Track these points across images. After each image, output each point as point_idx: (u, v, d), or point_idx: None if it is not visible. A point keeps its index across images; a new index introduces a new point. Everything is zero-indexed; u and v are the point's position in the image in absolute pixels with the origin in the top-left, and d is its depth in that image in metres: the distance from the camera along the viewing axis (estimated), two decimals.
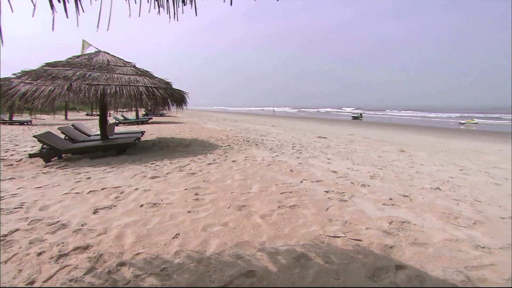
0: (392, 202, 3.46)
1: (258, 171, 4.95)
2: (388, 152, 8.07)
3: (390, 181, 4.48)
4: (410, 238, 2.52)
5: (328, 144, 9.34)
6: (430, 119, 40.51)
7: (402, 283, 1.91)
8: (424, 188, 4.11)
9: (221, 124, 17.35)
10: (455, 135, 17.67)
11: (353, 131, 17.50)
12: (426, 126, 26.23)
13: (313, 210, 3.17)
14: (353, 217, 2.97)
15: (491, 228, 2.77)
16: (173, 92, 7.53)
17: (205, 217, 2.97)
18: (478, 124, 28.21)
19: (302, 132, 14.27)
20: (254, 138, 9.87)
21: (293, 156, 6.46)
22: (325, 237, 2.53)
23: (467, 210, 3.25)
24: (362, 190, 3.93)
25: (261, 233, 2.62)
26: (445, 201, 3.56)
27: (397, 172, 5.20)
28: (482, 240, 2.52)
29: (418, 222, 2.87)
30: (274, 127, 18.01)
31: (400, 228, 2.72)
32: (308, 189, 3.96)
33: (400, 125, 26.82)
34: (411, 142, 11.95)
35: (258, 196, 3.63)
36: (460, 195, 3.88)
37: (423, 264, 2.13)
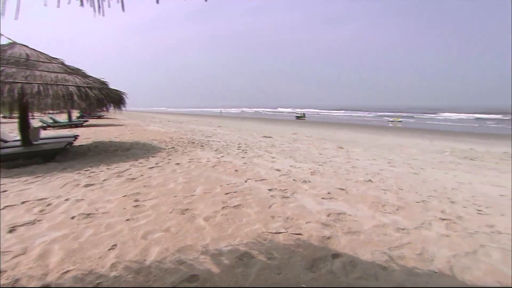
0: (330, 195, 3.74)
1: (202, 172, 4.88)
2: (328, 149, 8.69)
3: (329, 176, 4.83)
4: (345, 228, 2.77)
5: (273, 143, 9.66)
6: (365, 118, 44.84)
7: (337, 270, 2.08)
8: (358, 181, 4.53)
9: (165, 126, 16.61)
10: (385, 132, 19.85)
11: (296, 130, 18.40)
12: (361, 125, 28.97)
13: (256, 208, 3.25)
14: (294, 213, 3.13)
15: (409, 212, 3.21)
16: (110, 93, 6.96)
17: (146, 224, 2.83)
18: (403, 122, 32.13)
19: (248, 132, 14.49)
20: (200, 139, 9.69)
21: (238, 156, 6.52)
22: (267, 234, 2.62)
23: (392, 198, 3.70)
24: (303, 186, 4.16)
25: (205, 236, 2.60)
26: (375, 192, 3.98)
27: (336, 167, 5.64)
28: (403, 223, 2.90)
29: (352, 213, 3.16)
30: (220, 127, 17.95)
31: (336, 220, 2.96)
32: (253, 188, 4.04)
33: (339, 124, 29.12)
34: (349, 139, 13.08)
35: (202, 198, 3.59)
36: (387, 185, 4.38)
37: (356, 250, 2.35)
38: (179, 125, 19.01)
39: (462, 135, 18.24)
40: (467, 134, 19.07)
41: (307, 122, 33.68)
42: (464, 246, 2.46)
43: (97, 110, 9.48)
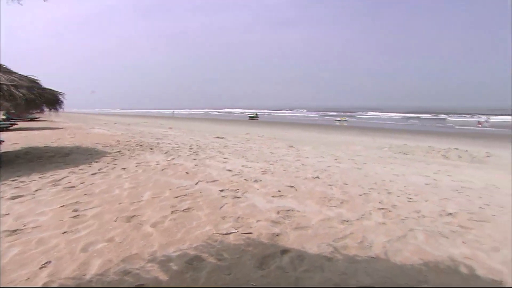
0: (280, 193, 3.86)
1: (151, 177, 4.66)
2: (279, 148, 8.95)
3: (279, 174, 4.99)
4: (294, 224, 2.89)
5: (225, 144, 9.63)
6: (313, 117, 47.27)
7: (286, 265, 2.16)
8: (307, 178, 4.76)
9: (111, 128, 15.44)
10: (332, 131, 21.16)
11: (249, 130, 18.62)
12: (311, 124, 30.47)
13: (207, 210, 3.22)
14: (245, 212, 3.17)
15: (352, 204, 3.48)
16: (43, 93, 6.22)
17: (87, 235, 2.60)
18: (349, 121, 34.64)
19: (201, 134, 14.23)
20: (149, 142, 9.23)
21: (190, 158, 6.38)
22: (218, 236, 2.61)
23: (338, 192, 3.97)
24: (254, 186, 4.23)
25: (152, 243, 2.49)
26: (322, 187, 4.22)
27: (286, 166, 5.84)
28: (346, 215, 3.13)
29: (301, 209, 3.31)
30: (172, 129, 17.31)
31: (286, 216, 3.07)
32: (204, 190, 3.99)
33: (290, 124, 30.23)
34: (299, 138, 13.64)
35: (150, 204, 3.42)
36: (333, 180, 4.68)
37: (303, 245, 2.47)
38: (127, 127, 17.85)
39: (398, 132, 20.35)
40: (402, 131, 21.32)
41: (260, 122, 34.30)
42: (397, 231, 2.76)
43: (28, 112, 8.40)
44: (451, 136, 17.75)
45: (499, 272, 2.15)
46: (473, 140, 15.35)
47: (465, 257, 2.34)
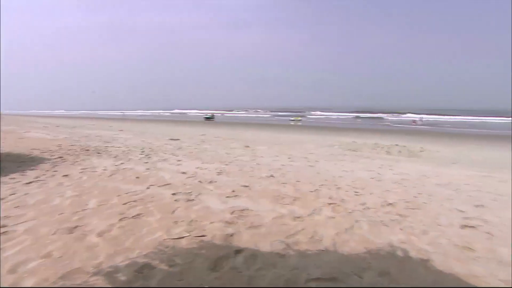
0: (234, 194, 3.88)
1: (97, 183, 4.34)
2: (235, 149, 8.96)
3: (234, 175, 5.01)
4: (247, 223, 2.92)
5: (180, 145, 9.35)
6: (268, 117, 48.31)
7: (240, 265, 2.19)
8: (261, 177, 4.85)
9: (52, 132, 13.92)
10: (287, 130, 21.84)
11: (205, 131, 18.33)
12: (266, 124, 31.08)
13: (158, 215, 3.10)
14: (199, 215, 3.12)
15: (304, 201, 3.64)
16: None
17: (16, 254, 2.32)
18: (302, 121, 36.09)
19: (154, 136, 13.61)
20: (96, 146, 8.55)
21: (141, 162, 6.07)
22: (170, 241, 2.53)
23: (290, 190, 4.11)
24: (209, 187, 4.19)
25: (98, 254, 2.32)
26: (276, 186, 4.34)
27: (241, 166, 5.88)
28: (298, 212, 3.27)
29: (254, 208, 3.36)
30: (122, 131, 16.26)
31: (240, 216, 3.10)
32: (155, 194, 3.83)
33: (246, 124, 30.49)
34: (255, 138, 13.81)
35: (95, 212, 3.19)
36: (287, 178, 4.83)
37: (257, 244, 2.52)
38: (71, 130, 16.29)
39: (347, 130, 21.77)
40: (351, 129, 22.87)
41: (216, 123, 34.01)
42: (345, 224, 2.95)
43: None
44: (392, 133, 19.54)
45: (427, 252, 2.43)
46: (410, 136, 17.10)
47: (401, 242, 2.60)
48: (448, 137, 18.21)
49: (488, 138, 18.36)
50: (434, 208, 3.58)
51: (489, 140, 16.60)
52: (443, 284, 2.03)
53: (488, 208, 3.65)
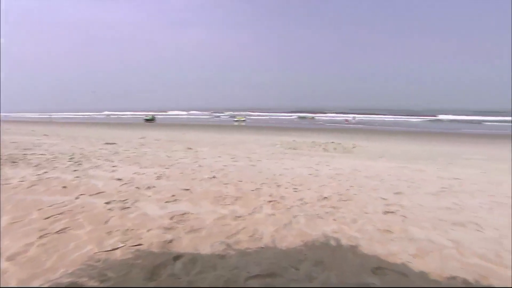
0: (174, 198, 3.75)
1: (11, 197, 3.77)
2: (177, 151, 8.67)
3: (175, 178, 4.84)
4: (187, 227, 2.86)
5: (116, 150, 8.67)
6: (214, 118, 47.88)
7: (179, 271, 2.13)
8: (203, 179, 4.78)
9: None
10: (230, 131, 21.92)
11: (145, 134, 17.33)
12: (210, 125, 30.75)
13: (89, 227, 2.83)
14: (135, 223, 2.94)
15: (245, 200, 3.70)
16: None
17: None
18: (246, 121, 36.60)
19: (86, 140, 12.35)
20: (11, 154, 7.38)
21: (69, 170, 5.46)
22: (101, 254, 2.33)
23: (232, 190, 4.14)
24: (147, 193, 3.98)
25: (8, 281, 2.02)
26: (218, 187, 4.33)
27: (183, 168, 5.72)
28: (240, 211, 3.31)
29: (195, 211, 3.30)
30: (47, 136, 14.36)
31: (180, 221, 3.01)
32: (86, 204, 3.49)
33: (189, 125, 29.73)
34: (198, 140, 13.55)
35: (7, 232, 2.76)
36: (229, 179, 4.85)
37: (197, 247, 2.48)
38: None
39: (289, 130, 22.78)
40: (291, 129, 23.99)
41: (157, 124, 32.44)
42: (284, 220, 3.09)
43: None
44: (328, 132, 21.10)
45: (356, 238, 2.70)
46: (345, 134, 18.69)
47: (334, 231, 2.83)
48: (377, 134, 20.41)
49: (407, 134, 21.11)
50: (363, 198, 3.98)
51: (407, 136, 19.10)
52: (368, 264, 2.27)
53: (404, 194, 4.20)
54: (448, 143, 14.93)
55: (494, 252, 2.54)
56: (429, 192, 4.44)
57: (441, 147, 12.78)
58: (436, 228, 3.02)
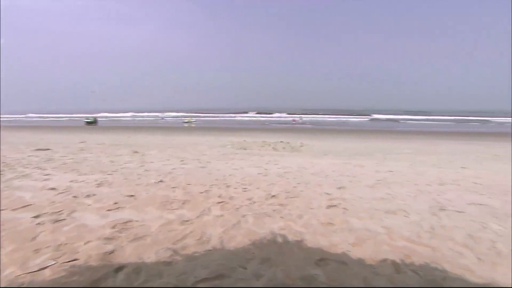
0: (117, 205, 3.51)
1: None
2: (121, 156, 8.12)
3: (118, 184, 4.53)
4: (131, 236, 2.70)
5: (50, 156, 7.79)
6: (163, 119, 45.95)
7: (121, 283, 2.00)
8: (149, 184, 4.56)
9: None
10: (180, 132, 21.27)
11: (86, 137, 15.91)
12: (158, 127, 29.43)
13: (11, 247, 2.50)
14: (70, 236, 2.68)
15: (194, 203, 3.63)
16: None
17: None
18: (197, 122, 35.86)
19: (13, 146, 10.85)
20: None
21: None
22: (26, 276, 2.08)
23: (180, 194, 4.03)
24: (86, 202, 3.66)
25: None
26: (165, 191, 4.17)
27: (127, 174, 5.38)
28: (187, 215, 3.24)
29: (140, 218, 3.13)
30: None
31: (122, 230, 2.83)
32: (7, 221, 3.07)
33: (135, 128, 28.07)
34: (145, 143, 12.87)
35: None
36: (177, 182, 4.70)
37: (141, 256, 2.35)
38: None
39: (239, 130, 22.92)
40: (243, 129, 24.18)
41: (100, 127, 29.98)
42: (232, 220, 3.10)
43: None
44: (278, 131, 21.75)
45: (301, 233, 2.83)
46: (293, 134, 19.44)
47: (281, 228, 2.93)
48: (323, 133, 21.64)
49: (350, 132, 22.78)
50: (308, 194, 4.18)
51: (350, 134, 20.61)
52: (312, 256, 2.40)
53: (346, 188, 4.53)
54: (384, 140, 16.48)
55: (416, 234, 2.88)
56: (367, 185, 4.84)
57: (378, 143, 14.06)
58: (372, 217, 3.31)
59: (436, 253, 2.54)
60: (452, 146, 13.28)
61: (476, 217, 3.39)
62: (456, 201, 4.00)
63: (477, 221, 3.25)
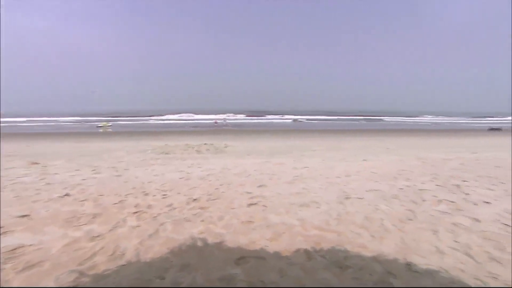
0: (4, 230, 2.93)
1: None
2: (14, 169, 6.81)
3: (7, 204, 3.78)
4: (21, 264, 2.28)
5: None
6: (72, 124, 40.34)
7: None
8: (51, 199, 3.95)
9: None
10: (94, 138, 19.02)
11: None
12: (67, 132, 25.72)
13: None
14: None
15: (106, 216, 3.30)
16: None
17: None
18: (113, 126, 32.59)
19: None
20: None
21: None
22: None
23: (90, 207, 3.60)
24: None
25: None
26: (72, 206, 3.67)
27: (20, 190, 4.54)
28: (98, 230, 2.92)
29: (35, 241, 2.68)
30: None
31: (9, 259, 2.37)
32: None
33: (37, 134, 23.92)
34: (49, 151, 11.09)
35: None
36: (87, 194, 4.19)
37: (35, 285, 2.01)
38: None
39: (161, 133, 21.79)
40: (164, 132, 23.07)
41: None
42: (149, 230, 2.92)
43: None
44: (201, 134, 21.44)
45: (221, 235, 2.85)
46: (217, 135, 19.45)
47: (201, 232, 2.89)
48: (247, 133, 22.19)
49: (273, 132, 23.98)
50: (230, 194, 4.23)
51: (272, 134, 21.72)
52: (232, 256, 2.43)
53: (267, 186, 4.74)
54: (302, 139, 17.86)
55: (326, 222, 3.21)
56: (286, 181, 5.16)
57: (297, 142, 15.15)
58: (289, 212, 3.54)
59: (341, 236, 2.87)
60: (356, 142, 15.23)
61: (371, 201, 3.96)
62: (358, 189, 4.60)
63: (372, 205, 3.80)
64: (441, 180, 5.05)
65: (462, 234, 2.87)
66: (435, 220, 3.24)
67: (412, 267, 2.29)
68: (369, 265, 2.33)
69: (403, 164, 6.76)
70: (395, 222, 3.18)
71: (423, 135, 22.24)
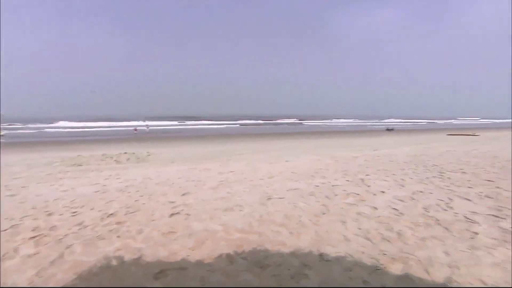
0: None
1: None
2: None
3: None
4: None
5: None
6: None
7: None
8: None
9: None
10: None
11: None
12: None
13: None
14: None
15: None
16: None
17: None
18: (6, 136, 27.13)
19: None
20: None
21: None
22: None
23: None
24: None
25: None
26: None
27: None
28: None
29: None
30: None
31: None
32: None
33: None
34: None
35: None
36: None
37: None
38: None
39: (73, 143, 19.21)
40: (77, 142, 20.42)
41: None
42: (52, 255, 2.54)
43: None
44: (120, 142, 19.67)
45: (139, 249, 2.66)
46: (139, 143, 18.14)
47: (117, 249, 2.64)
48: (171, 140, 21.26)
49: (199, 138, 23.53)
50: (151, 206, 3.99)
51: (198, 140, 21.32)
52: (150, 271, 2.29)
53: (191, 193, 4.62)
54: (231, 143, 18.02)
55: (248, 224, 3.30)
56: (210, 187, 5.12)
57: (225, 146, 15.21)
58: (213, 218, 3.52)
59: (262, 237, 2.98)
60: (280, 144, 16.13)
61: (291, 199, 4.23)
62: (280, 189, 4.86)
63: (291, 203, 4.06)
64: (350, 176, 5.73)
65: (364, 221, 3.31)
66: (344, 211, 3.64)
67: (324, 257, 2.53)
68: (287, 260, 2.48)
69: (319, 163, 7.43)
70: (311, 217, 3.47)
71: (337, 136, 24.99)
